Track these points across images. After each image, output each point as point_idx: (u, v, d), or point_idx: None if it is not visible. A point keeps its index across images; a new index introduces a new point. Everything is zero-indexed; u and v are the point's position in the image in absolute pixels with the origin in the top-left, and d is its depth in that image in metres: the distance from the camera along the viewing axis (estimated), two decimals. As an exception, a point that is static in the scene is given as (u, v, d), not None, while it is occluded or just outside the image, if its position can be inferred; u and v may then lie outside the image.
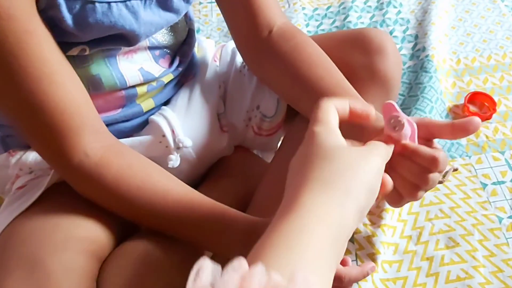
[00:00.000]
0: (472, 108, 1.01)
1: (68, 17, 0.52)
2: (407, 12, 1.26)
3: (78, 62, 0.58)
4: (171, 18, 0.64)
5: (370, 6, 1.30)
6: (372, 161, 0.41)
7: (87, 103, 0.56)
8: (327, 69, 0.65)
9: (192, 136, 0.71)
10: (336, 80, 0.63)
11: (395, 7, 1.28)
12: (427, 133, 0.50)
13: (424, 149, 0.48)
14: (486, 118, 0.99)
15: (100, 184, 0.55)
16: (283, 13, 0.71)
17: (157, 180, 0.58)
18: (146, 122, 0.70)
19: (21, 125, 0.54)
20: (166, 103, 0.73)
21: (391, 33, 1.21)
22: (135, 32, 0.58)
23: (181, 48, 0.72)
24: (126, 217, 0.58)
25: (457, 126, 0.48)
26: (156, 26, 0.62)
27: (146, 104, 0.68)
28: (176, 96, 0.73)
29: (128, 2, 0.56)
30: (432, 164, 0.48)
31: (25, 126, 0.54)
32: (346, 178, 0.39)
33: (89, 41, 0.56)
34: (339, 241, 0.38)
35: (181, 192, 0.58)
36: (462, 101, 1.03)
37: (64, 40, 0.54)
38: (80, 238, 0.55)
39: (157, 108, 0.70)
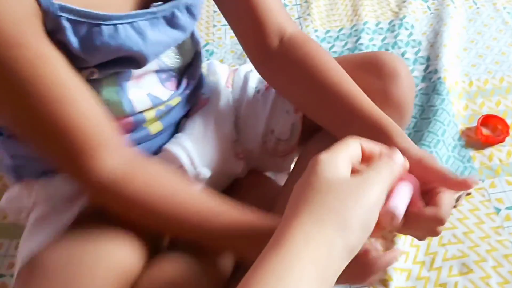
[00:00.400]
0: (485, 131, 1.01)
1: (74, 41, 0.53)
2: (418, 34, 1.27)
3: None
4: (179, 36, 0.64)
5: (382, 28, 1.31)
6: (368, 193, 0.41)
7: (106, 120, 0.56)
8: (340, 76, 0.64)
9: (208, 164, 0.72)
10: (351, 87, 0.63)
11: (406, 29, 1.29)
12: (425, 177, 0.50)
13: (426, 213, 0.49)
14: (499, 141, 0.98)
15: (125, 199, 0.55)
16: (293, 21, 0.70)
17: (182, 190, 0.58)
18: (156, 147, 0.70)
19: (43, 148, 0.55)
20: (177, 127, 0.73)
21: (403, 55, 1.22)
22: (142, 53, 0.58)
23: (187, 70, 0.72)
24: (151, 228, 0.58)
25: (452, 183, 0.49)
26: (164, 45, 0.62)
27: (154, 127, 0.68)
28: (192, 123, 0.73)
29: (134, 23, 0.57)
30: (436, 223, 0.50)
31: (48, 149, 0.55)
32: (338, 214, 0.39)
33: (97, 64, 0.57)
34: (326, 279, 0.38)
35: (207, 201, 0.58)
36: (474, 124, 1.02)
37: (72, 64, 0.54)
38: (108, 266, 0.55)
39: (165, 130, 0.70)
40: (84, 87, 0.54)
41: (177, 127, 0.73)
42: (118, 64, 0.58)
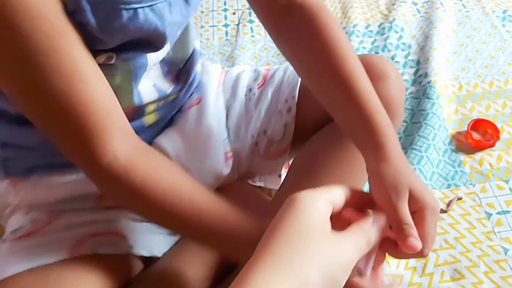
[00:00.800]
0: (475, 135, 1.01)
1: (93, 22, 0.52)
2: (408, 37, 1.27)
3: (104, 72, 0.57)
4: (190, 12, 0.63)
5: (371, 31, 1.30)
6: (343, 254, 0.39)
7: (116, 104, 0.55)
8: (349, 58, 0.60)
9: (195, 159, 0.71)
10: (358, 73, 0.59)
11: (396, 32, 1.28)
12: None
13: (404, 253, 0.48)
14: (489, 145, 0.98)
15: (127, 187, 0.54)
16: None
17: (183, 185, 0.57)
18: (147, 139, 0.70)
19: (49, 125, 0.54)
20: (169, 122, 0.73)
21: (392, 58, 1.21)
22: (160, 34, 0.58)
23: (185, 65, 0.72)
24: (150, 221, 0.58)
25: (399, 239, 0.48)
26: (178, 25, 0.62)
27: (149, 119, 0.68)
28: (183, 119, 0.73)
29: (154, 6, 0.56)
30: (420, 255, 0.50)
31: (54, 126, 0.53)
32: (307, 265, 0.36)
33: (115, 47, 0.56)
34: None
35: (205, 200, 0.57)
36: (465, 128, 1.02)
37: (91, 47, 0.54)
38: None
39: (158, 123, 0.71)
40: (97, 69, 0.54)
41: (169, 122, 0.74)
42: (135, 47, 0.58)
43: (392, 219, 0.48)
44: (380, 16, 1.35)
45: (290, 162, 0.84)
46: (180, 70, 0.71)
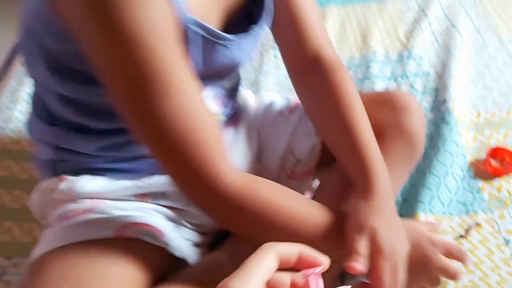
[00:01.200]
0: (493, 162, 1.03)
1: (196, 54, 0.57)
2: (427, 65, 1.30)
3: None
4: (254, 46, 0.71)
5: (390, 59, 1.34)
6: None
7: (221, 133, 0.58)
8: (357, 113, 0.70)
9: None
10: (363, 128, 0.69)
11: (415, 60, 1.32)
12: None
13: (348, 268, 0.55)
14: (507, 172, 1.01)
15: (252, 202, 0.58)
16: (333, 47, 0.76)
17: (298, 200, 0.63)
18: None
19: (167, 153, 0.54)
20: None
21: (411, 85, 1.25)
22: (238, 66, 0.66)
23: (232, 92, 0.79)
24: (262, 238, 0.60)
25: None
26: (247, 58, 0.69)
27: None
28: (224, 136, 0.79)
29: (242, 46, 0.64)
30: None
31: (173, 153, 0.54)
32: None
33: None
34: None
35: (318, 211, 0.63)
36: (483, 155, 1.05)
37: None
38: (116, 277, 0.58)
39: None
40: (204, 98, 0.56)
41: None
42: (209, 78, 0.63)
43: (348, 249, 0.57)
44: (399, 44, 1.39)
45: (313, 184, 0.88)
46: (227, 95, 0.78)
